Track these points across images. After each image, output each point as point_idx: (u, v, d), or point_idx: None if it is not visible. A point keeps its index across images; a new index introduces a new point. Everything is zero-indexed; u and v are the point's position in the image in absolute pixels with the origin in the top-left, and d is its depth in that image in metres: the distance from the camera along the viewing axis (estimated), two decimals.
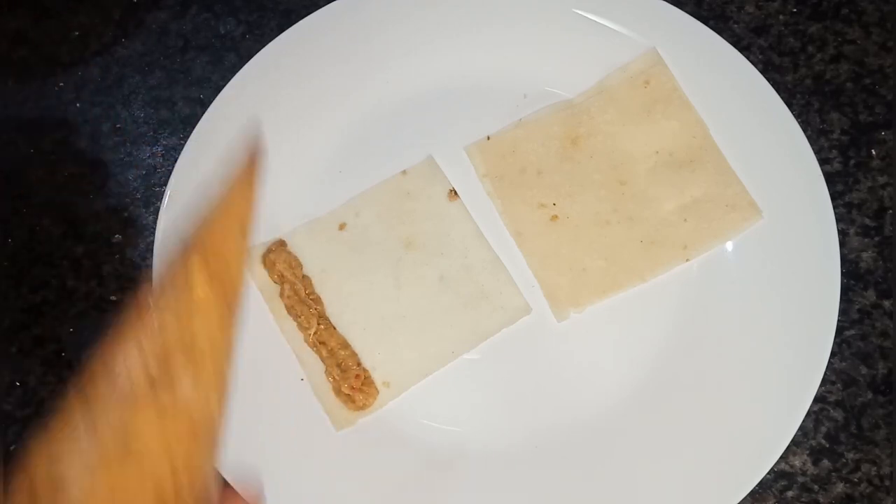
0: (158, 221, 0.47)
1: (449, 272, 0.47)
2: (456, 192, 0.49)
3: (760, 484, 0.42)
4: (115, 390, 0.30)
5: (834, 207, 0.46)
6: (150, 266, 0.47)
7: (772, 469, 0.42)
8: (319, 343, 0.46)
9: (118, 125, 0.52)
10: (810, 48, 0.52)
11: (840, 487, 0.44)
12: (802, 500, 0.44)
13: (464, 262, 0.47)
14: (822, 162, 0.48)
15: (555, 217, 0.48)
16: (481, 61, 0.51)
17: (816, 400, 0.44)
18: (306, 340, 0.46)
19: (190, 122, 0.49)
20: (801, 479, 0.44)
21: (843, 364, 0.46)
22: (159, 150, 0.51)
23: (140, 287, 0.31)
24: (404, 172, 0.49)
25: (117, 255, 0.50)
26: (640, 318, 0.46)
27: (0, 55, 0.53)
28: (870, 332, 0.46)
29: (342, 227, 0.48)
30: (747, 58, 0.49)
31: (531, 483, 0.44)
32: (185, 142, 0.48)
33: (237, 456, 0.43)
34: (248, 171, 0.35)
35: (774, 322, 0.45)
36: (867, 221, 0.48)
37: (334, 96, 0.50)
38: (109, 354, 0.30)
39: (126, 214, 0.50)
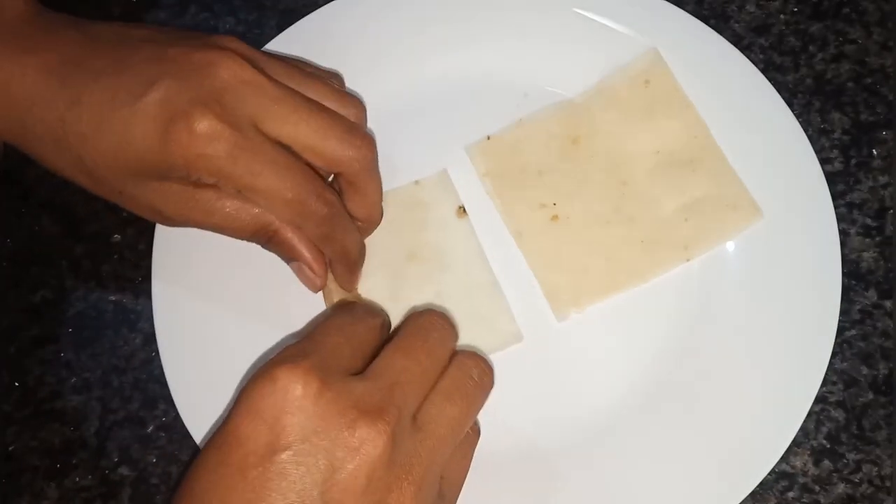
0: None
1: (447, 289, 0.46)
2: (465, 210, 0.48)
3: (761, 484, 0.42)
4: None
5: (835, 207, 0.46)
6: (149, 266, 0.47)
7: (772, 469, 0.42)
8: None
9: None
10: (811, 48, 0.52)
11: (841, 488, 0.44)
12: (803, 500, 0.44)
13: (464, 281, 0.46)
14: (823, 162, 0.48)
15: (555, 217, 0.48)
16: (481, 61, 0.50)
17: (817, 400, 0.43)
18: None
19: None
20: (801, 479, 0.44)
21: (844, 364, 0.46)
22: None
23: None
24: (417, 182, 0.48)
25: (117, 255, 0.50)
26: (641, 318, 0.46)
27: None
28: (871, 333, 0.46)
29: None
30: (748, 57, 0.49)
31: (530, 483, 0.44)
32: None
33: None
34: None
35: (775, 322, 0.45)
36: (868, 221, 0.48)
37: None
38: None
39: (126, 214, 0.50)
